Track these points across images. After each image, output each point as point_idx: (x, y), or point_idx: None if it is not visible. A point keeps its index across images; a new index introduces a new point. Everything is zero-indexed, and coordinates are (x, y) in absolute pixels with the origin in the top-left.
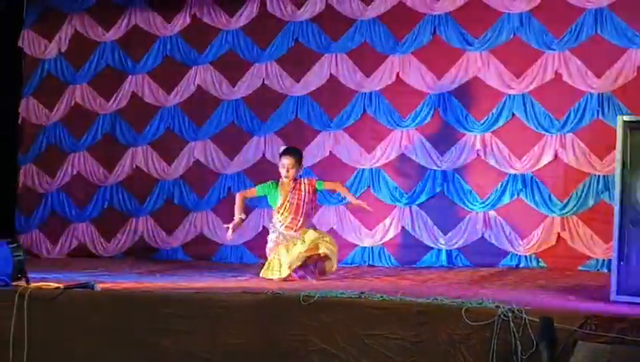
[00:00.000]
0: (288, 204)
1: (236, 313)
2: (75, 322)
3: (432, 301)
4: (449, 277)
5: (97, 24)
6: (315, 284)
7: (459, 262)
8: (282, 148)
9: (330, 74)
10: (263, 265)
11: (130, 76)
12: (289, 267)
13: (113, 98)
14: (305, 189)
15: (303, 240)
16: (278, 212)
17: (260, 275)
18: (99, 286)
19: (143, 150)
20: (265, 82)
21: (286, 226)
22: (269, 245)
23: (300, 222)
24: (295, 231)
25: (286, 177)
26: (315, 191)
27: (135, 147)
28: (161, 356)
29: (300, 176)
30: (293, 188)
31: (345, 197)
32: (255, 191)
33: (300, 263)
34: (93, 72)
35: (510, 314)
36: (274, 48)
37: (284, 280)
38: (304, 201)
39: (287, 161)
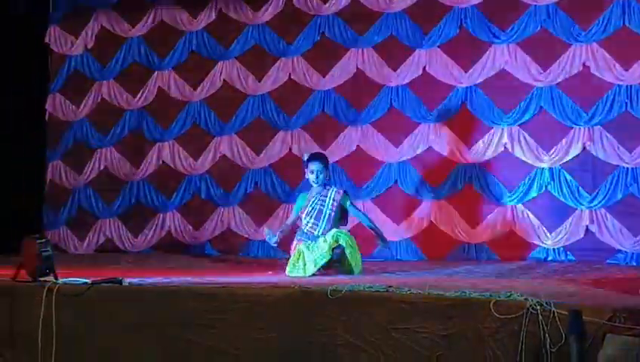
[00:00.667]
0: (311, 209)
1: (263, 308)
2: (103, 317)
3: (460, 294)
4: (477, 271)
5: (123, 20)
6: (343, 279)
7: (486, 256)
8: (306, 155)
9: (357, 68)
10: (288, 259)
11: (156, 72)
12: (314, 266)
13: (139, 94)
14: (331, 196)
15: (325, 239)
16: (302, 214)
17: (286, 273)
18: (127, 282)
19: (170, 145)
20: (291, 77)
21: (307, 231)
22: (294, 243)
23: (322, 229)
24: (317, 235)
25: (315, 183)
26: (341, 203)
27: (162, 142)
28: (189, 351)
29: (330, 183)
30: (320, 193)
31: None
32: (294, 213)
33: (324, 261)
34: (120, 68)
35: (539, 307)
36: (300, 42)
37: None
38: (328, 208)
39: (315, 167)
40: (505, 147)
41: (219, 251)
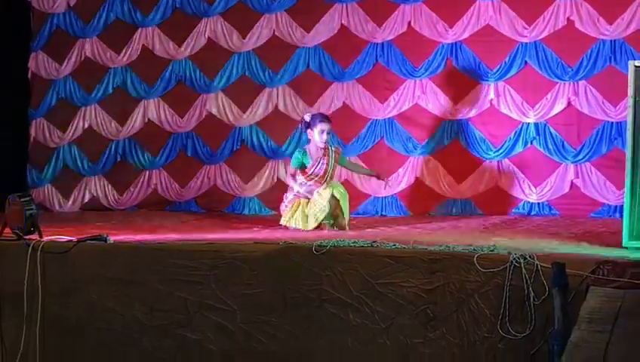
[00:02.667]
0: (317, 168)
1: (249, 264)
2: (88, 275)
3: (445, 249)
4: (461, 226)
5: None
6: (328, 234)
7: (472, 210)
8: (307, 116)
9: (342, 24)
10: (276, 217)
11: (140, 29)
12: (315, 220)
13: (123, 51)
14: (332, 156)
15: (320, 193)
16: (305, 174)
17: (283, 223)
18: (111, 239)
19: (155, 103)
20: (275, 33)
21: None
22: (288, 196)
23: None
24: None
25: (325, 142)
26: (338, 161)
27: (147, 100)
28: (176, 307)
29: (330, 143)
30: (324, 154)
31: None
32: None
33: (324, 216)
34: (103, 26)
35: (522, 261)
36: None
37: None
38: (331, 167)
39: (327, 127)
40: (491, 103)
41: (205, 209)
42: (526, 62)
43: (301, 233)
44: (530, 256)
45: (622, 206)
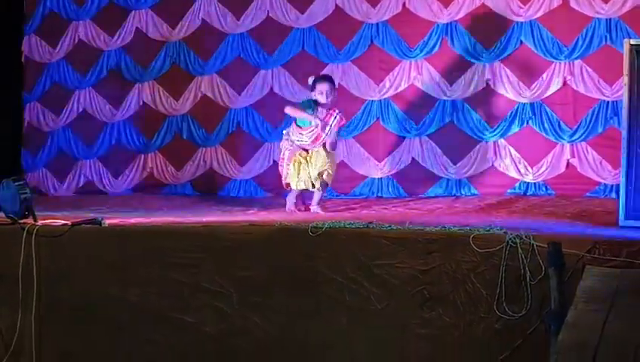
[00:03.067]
0: (311, 131)
1: (245, 245)
2: (83, 258)
3: (440, 229)
4: (457, 206)
5: None
6: (323, 215)
7: (468, 191)
8: (311, 79)
9: (336, 5)
10: (272, 198)
11: (133, 11)
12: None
13: (117, 34)
14: (332, 124)
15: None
16: (300, 132)
17: (294, 188)
18: (106, 223)
19: (150, 86)
20: (270, 15)
21: (301, 147)
22: (285, 153)
23: (314, 151)
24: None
25: (325, 103)
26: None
27: (141, 83)
28: (172, 289)
29: (336, 110)
30: (324, 118)
31: None
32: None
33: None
34: (96, 9)
35: (518, 241)
36: None
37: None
38: (325, 134)
39: (326, 88)
40: (487, 83)
41: (200, 192)
42: (521, 41)
43: (297, 214)
44: (526, 236)
45: (618, 185)
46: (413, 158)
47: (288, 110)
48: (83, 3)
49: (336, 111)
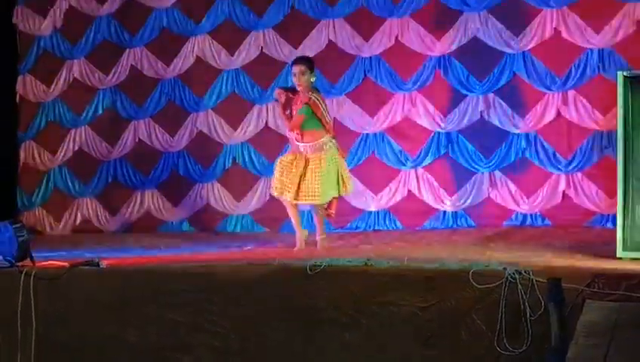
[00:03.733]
0: (289, 114)
1: (243, 285)
2: (82, 300)
3: (439, 266)
4: (455, 239)
5: None
6: (321, 252)
7: (465, 223)
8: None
9: (329, 40)
10: (269, 234)
11: (128, 49)
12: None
13: (112, 72)
14: (304, 107)
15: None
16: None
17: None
18: (104, 263)
19: (146, 123)
20: (263, 50)
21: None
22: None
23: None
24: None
25: (299, 85)
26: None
27: (137, 120)
28: (171, 329)
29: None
30: (301, 101)
31: None
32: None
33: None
34: (91, 47)
35: (517, 276)
36: (270, 15)
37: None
38: (297, 114)
39: (296, 69)
40: (481, 114)
41: (197, 228)
42: (514, 73)
43: (294, 252)
44: (525, 271)
45: (614, 215)
46: (409, 191)
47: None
48: (77, 42)
49: (312, 97)
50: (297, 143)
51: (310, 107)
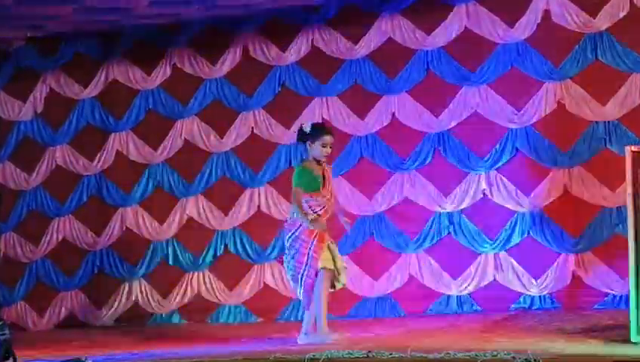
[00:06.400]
0: (329, 185)
1: None
2: None
3: (444, 356)
4: (460, 325)
5: (74, 81)
6: (319, 344)
7: (470, 308)
8: (306, 125)
9: (322, 118)
10: (264, 324)
11: (113, 134)
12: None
13: (97, 158)
14: (330, 174)
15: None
16: (320, 193)
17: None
18: (90, 360)
19: (133, 210)
20: (254, 131)
21: (325, 210)
22: (306, 232)
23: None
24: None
25: (326, 155)
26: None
27: (124, 208)
28: None
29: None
30: (323, 171)
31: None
32: (301, 189)
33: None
34: (74, 132)
35: None
36: (260, 95)
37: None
38: (330, 186)
39: (330, 139)
40: (483, 193)
41: (189, 319)
42: (517, 148)
43: (291, 344)
44: (535, 360)
45: (627, 295)
46: (410, 275)
47: (295, 205)
48: (59, 127)
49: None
50: (323, 217)
51: None
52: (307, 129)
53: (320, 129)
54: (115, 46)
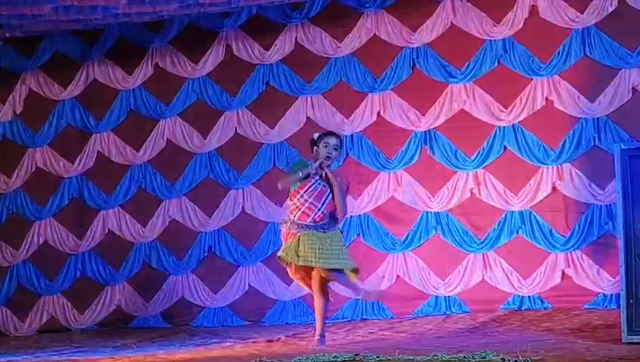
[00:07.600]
0: (312, 188)
1: None
2: None
3: (433, 358)
4: (448, 327)
5: (53, 82)
6: (306, 347)
7: (458, 308)
8: (316, 134)
9: (307, 117)
10: (249, 327)
11: (94, 135)
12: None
13: (78, 159)
14: (334, 181)
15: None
16: (297, 194)
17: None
18: None
19: (115, 213)
20: (237, 131)
21: (302, 212)
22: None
23: (319, 213)
24: (313, 222)
25: (329, 158)
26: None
27: (106, 210)
28: None
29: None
30: (326, 174)
31: None
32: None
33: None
34: (54, 133)
35: None
36: (244, 94)
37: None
38: (331, 191)
39: (333, 141)
40: (471, 192)
41: (172, 323)
42: (505, 147)
43: (277, 347)
44: (524, 360)
45: (618, 294)
46: (398, 276)
47: (280, 185)
48: (39, 128)
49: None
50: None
51: None
52: (316, 136)
53: (325, 133)
54: (95, 45)
